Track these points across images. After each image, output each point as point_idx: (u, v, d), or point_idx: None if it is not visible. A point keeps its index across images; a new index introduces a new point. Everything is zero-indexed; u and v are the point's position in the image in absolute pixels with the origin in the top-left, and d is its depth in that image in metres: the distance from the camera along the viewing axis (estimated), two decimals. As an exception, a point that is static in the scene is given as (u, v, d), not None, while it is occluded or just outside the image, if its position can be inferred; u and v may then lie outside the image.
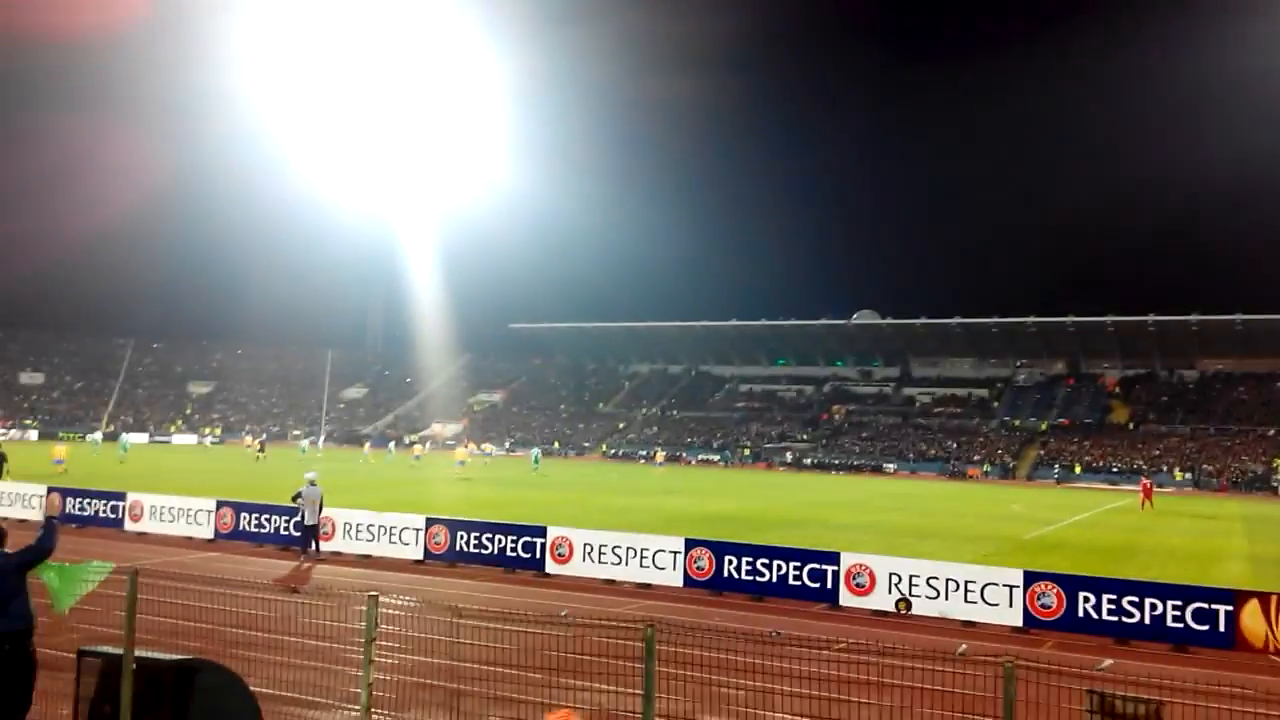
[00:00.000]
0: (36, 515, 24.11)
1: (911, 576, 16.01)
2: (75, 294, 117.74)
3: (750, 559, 17.33)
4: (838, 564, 16.62)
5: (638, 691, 6.45)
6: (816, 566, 16.78)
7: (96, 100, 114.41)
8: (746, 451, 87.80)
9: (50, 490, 24.44)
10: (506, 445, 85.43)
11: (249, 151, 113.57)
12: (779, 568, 17.02)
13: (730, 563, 17.41)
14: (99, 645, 7.44)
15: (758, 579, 17.14)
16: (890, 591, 16.07)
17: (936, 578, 15.82)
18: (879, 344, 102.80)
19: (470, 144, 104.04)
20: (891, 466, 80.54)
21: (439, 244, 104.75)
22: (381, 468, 56.80)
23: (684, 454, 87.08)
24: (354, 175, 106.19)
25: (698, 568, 17.62)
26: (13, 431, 79.29)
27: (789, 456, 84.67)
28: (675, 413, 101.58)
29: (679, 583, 17.68)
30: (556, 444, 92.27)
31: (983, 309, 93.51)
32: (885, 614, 15.85)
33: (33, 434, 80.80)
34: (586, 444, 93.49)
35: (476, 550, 19.65)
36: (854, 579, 16.37)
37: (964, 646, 7.43)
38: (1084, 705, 5.86)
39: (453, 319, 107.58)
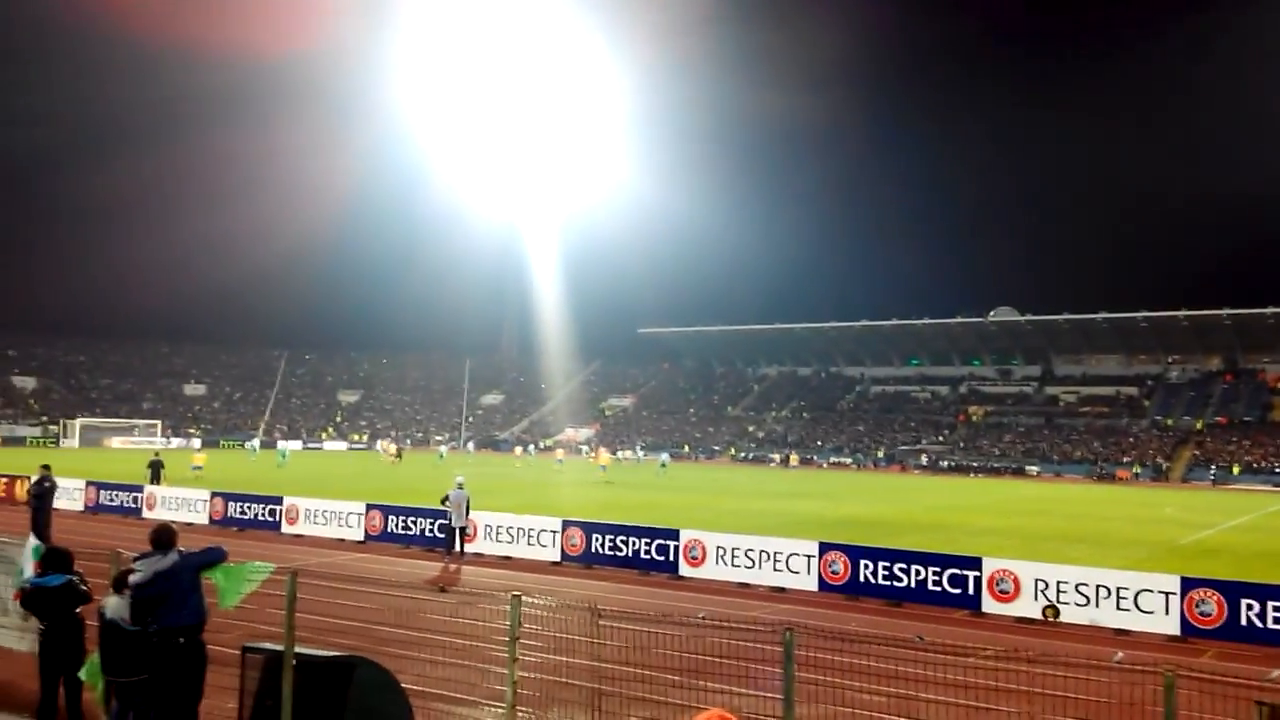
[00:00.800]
0: (198, 518, 25.67)
1: (1059, 583, 15.41)
2: (234, 309, 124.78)
3: (887, 563, 17.01)
4: (980, 569, 16.14)
5: (776, 696, 6.44)
6: (957, 572, 16.33)
7: (253, 121, 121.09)
8: (879, 454, 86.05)
9: (214, 495, 25.99)
10: (639, 449, 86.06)
11: (390, 167, 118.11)
12: (917, 573, 16.65)
13: (866, 567, 17.12)
14: (261, 642, 7.78)
15: (895, 584, 16.80)
16: (1036, 598, 15.51)
17: (1086, 584, 15.19)
18: (1018, 341, 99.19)
19: (598, 152, 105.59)
20: (1034, 469, 77.56)
21: (570, 253, 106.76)
22: (527, 471, 58.10)
23: (815, 456, 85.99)
24: (488, 185, 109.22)
25: (833, 572, 17.39)
26: (175, 440, 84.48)
27: (924, 459, 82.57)
28: (805, 415, 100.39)
29: (813, 587, 17.49)
30: (686, 447, 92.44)
31: (1130, 303, 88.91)
32: (1031, 621, 15.31)
33: (196, 442, 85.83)
34: (716, 447, 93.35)
35: (611, 553, 19.91)
36: (997, 585, 15.87)
37: (1120, 655, 7.13)
38: (1253, 717, 5.55)
39: (583, 326, 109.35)
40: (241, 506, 25.54)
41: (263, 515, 24.98)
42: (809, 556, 17.73)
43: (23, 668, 8.39)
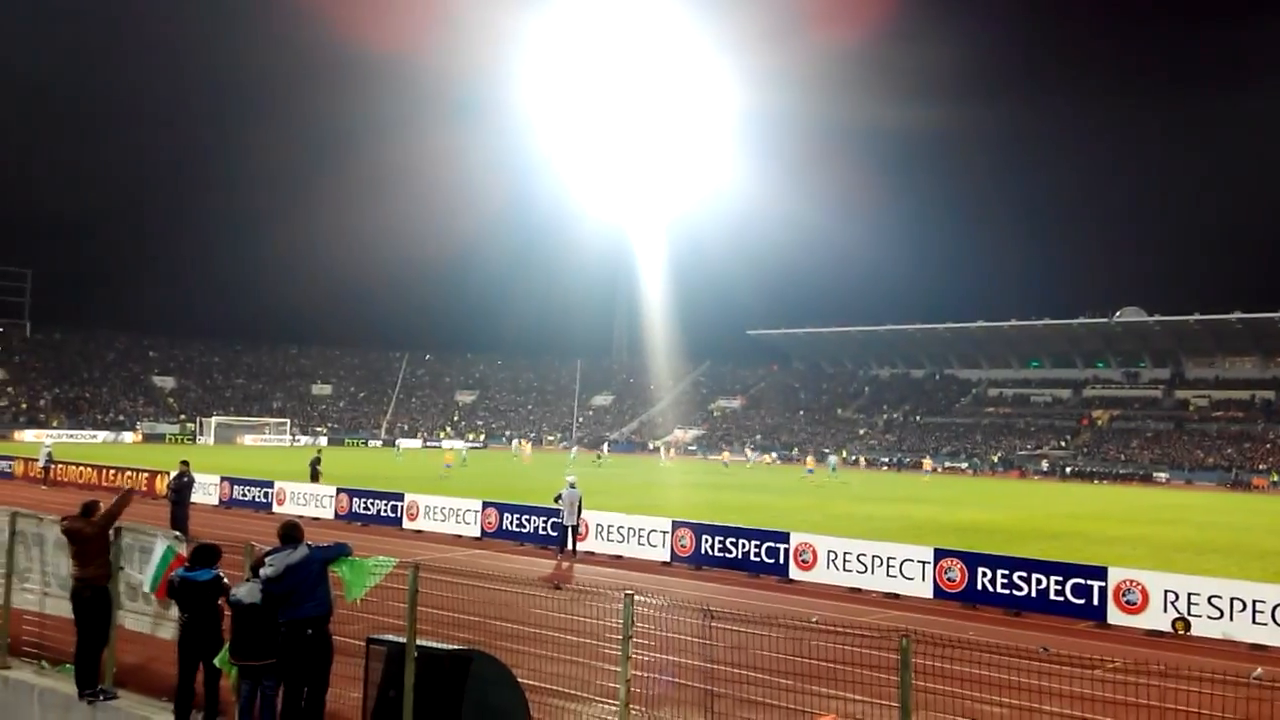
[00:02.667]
0: (324, 513, 26.69)
1: (1190, 594, 14.74)
2: (358, 313, 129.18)
3: (1006, 571, 16.54)
4: (1105, 579, 15.55)
5: (891, 703, 6.37)
6: (1081, 581, 15.77)
7: (377, 131, 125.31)
8: (996, 459, 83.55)
9: (340, 490, 26.94)
10: (749, 448, 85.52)
11: (504, 172, 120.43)
12: (1038, 581, 16.15)
13: (984, 575, 16.69)
14: (384, 634, 8.00)
15: (1015, 593, 16.33)
16: (1165, 610, 14.86)
17: (1219, 596, 14.48)
18: (1146, 343, 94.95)
19: (708, 154, 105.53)
20: (1163, 475, 74.12)
21: (679, 255, 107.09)
22: (615, 469, 58.46)
23: (929, 460, 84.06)
24: (599, 188, 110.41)
25: (949, 579, 17.01)
26: (303, 438, 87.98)
27: (1045, 464, 79.77)
28: (918, 418, 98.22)
29: (928, 594, 17.14)
30: (795, 450, 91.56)
31: (1266, 302, 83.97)
32: (1160, 634, 14.69)
33: (323, 440, 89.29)
34: (826, 450, 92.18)
35: (720, 554, 19.91)
36: (1124, 595, 15.27)
37: (1259, 671, 6.80)
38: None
39: (692, 327, 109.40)
40: (365, 502, 26.47)
41: (385, 511, 25.83)
42: (924, 563, 17.38)
43: (159, 652, 8.87)
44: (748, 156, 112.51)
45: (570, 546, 21.14)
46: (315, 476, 31.29)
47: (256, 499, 28.99)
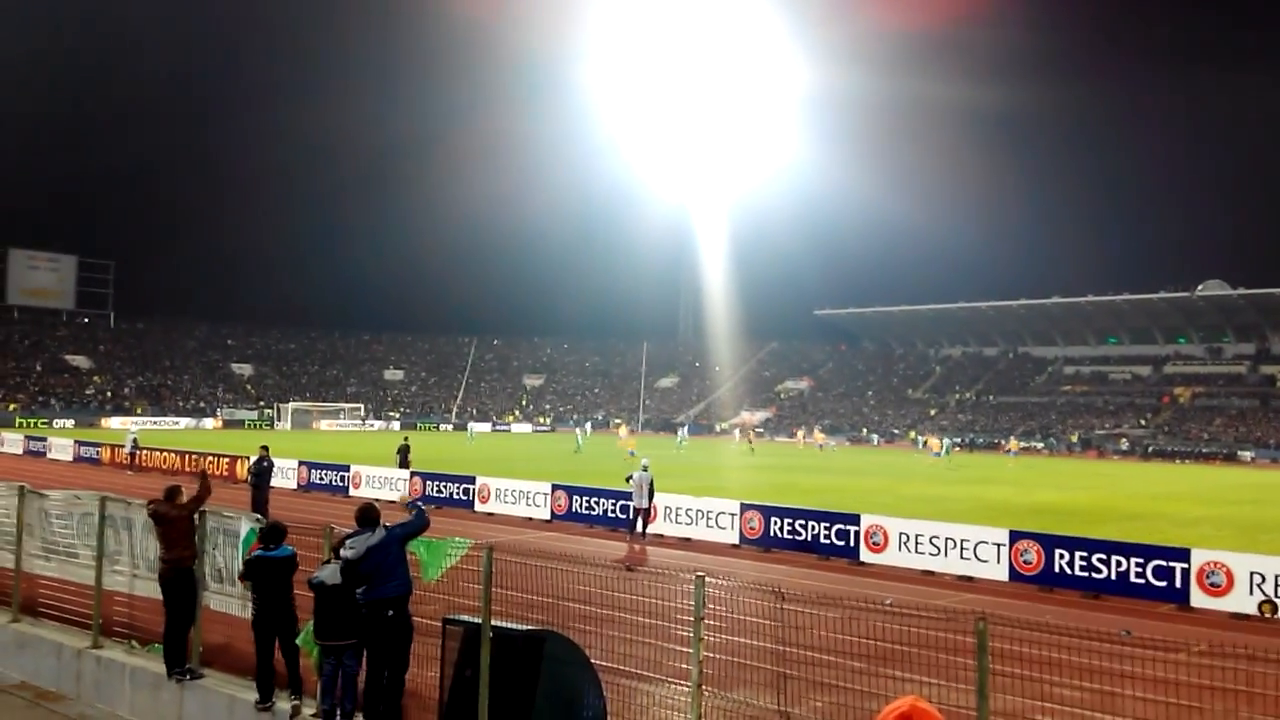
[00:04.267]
0: (394, 496, 27.20)
1: (1278, 576, 14.29)
2: (427, 299, 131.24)
3: (1085, 553, 16.21)
4: (1188, 561, 15.16)
5: (968, 687, 6.29)
6: (1162, 564, 15.39)
7: (446, 120, 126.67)
8: (1074, 439, 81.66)
9: (413, 474, 27.47)
10: (819, 431, 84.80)
11: (569, 155, 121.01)
12: (1118, 564, 15.79)
13: (1062, 557, 16.37)
14: (460, 614, 8.14)
15: (1093, 575, 15.99)
16: (1252, 593, 14.44)
17: (1310, 579, 14.03)
18: (1230, 317, 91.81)
19: (772, 133, 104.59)
20: (1248, 454, 71.70)
21: (744, 236, 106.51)
22: (692, 453, 58.47)
23: (1003, 441, 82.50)
24: (663, 170, 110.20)
25: (1024, 561, 16.73)
26: (377, 423, 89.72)
27: (1124, 444, 77.76)
28: (992, 398, 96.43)
29: (1004, 576, 16.87)
30: (865, 430, 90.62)
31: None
32: (1247, 617, 14.27)
33: (395, 424, 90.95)
34: (896, 431, 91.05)
35: (790, 536, 19.83)
36: (1207, 578, 14.86)
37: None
38: None
39: (758, 308, 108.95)
40: (439, 485, 26.93)
41: (457, 494, 26.24)
42: (999, 545, 17.11)
43: (244, 632, 9.13)
44: (814, 135, 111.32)
45: (640, 529, 21.23)
46: (405, 464, 31.64)
47: (334, 483, 29.67)
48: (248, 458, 27.55)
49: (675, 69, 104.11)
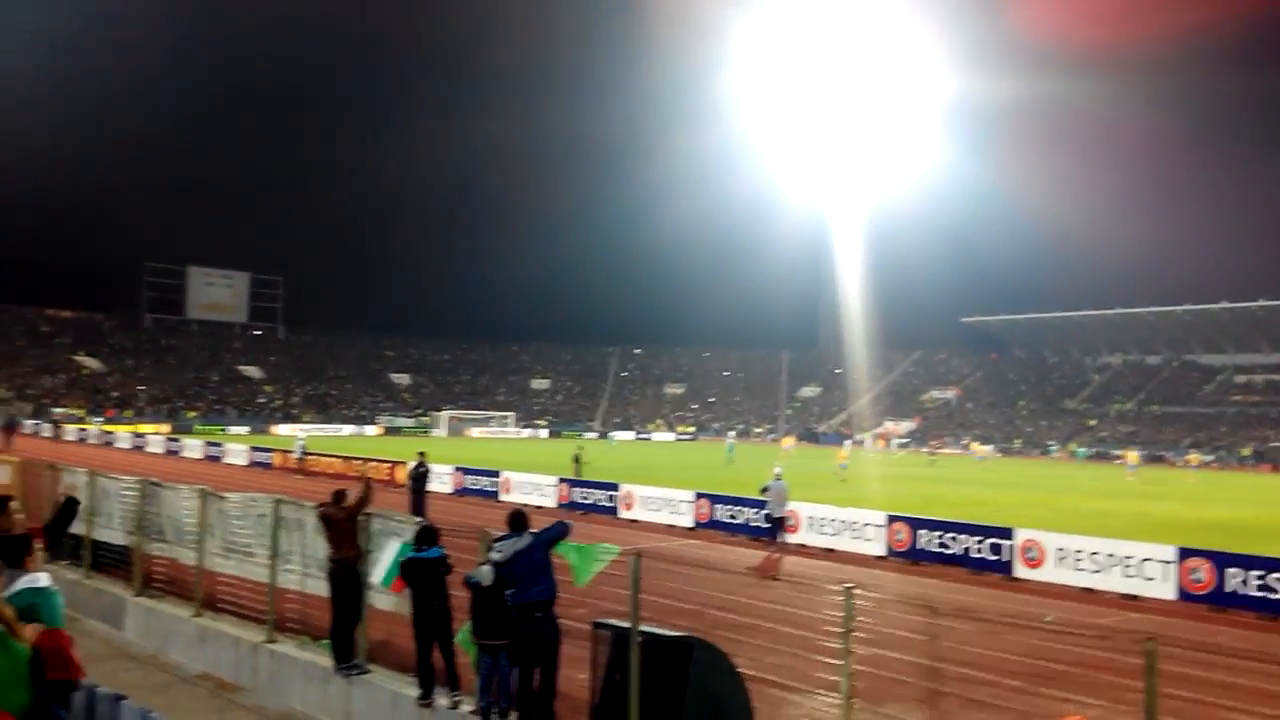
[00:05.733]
0: (547, 501, 27.86)
1: None
2: (572, 309, 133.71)
3: (1261, 573, 15.18)
4: (1381, 585, 14.03)
5: (1129, 709, 6.04)
6: (1351, 586, 14.30)
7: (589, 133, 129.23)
8: (1246, 451, 76.42)
9: (561, 481, 28.02)
10: (976, 444, 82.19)
11: (709, 163, 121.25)
12: (1299, 585, 14.75)
13: (1235, 576, 15.39)
14: (608, 619, 8.25)
15: (1270, 595, 14.97)
16: None
17: None
18: None
19: (915, 136, 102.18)
20: None
21: (887, 242, 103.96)
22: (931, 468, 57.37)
23: (1168, 454, 77.96)
24: (803, 176, 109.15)
25: (1194, 580, 15.81)
26: (527, 431, 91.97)
27: (1304, 457, 72.30)
28: (1155, 408, 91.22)
29: (1171, 595, 15.98)
30: (1017, 442, 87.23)
31: None
32: None
33: (543, 432, 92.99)
34: (1050, 443, 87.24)
35: (939, 550, 19.32)
36: (1405, 604, 13.71)
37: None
38: None
39: (902, 316, 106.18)
40: (584, 492, 27.46)
41: (602, 501, 26.68)
42: (1166, 562, 16.22)
43: (407, 630, 9.50)
44: (961, 138, 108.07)
45: (780, 538, 21.09)
46: (578, 471, 32.04)
47: (485, 488, 30.61)
48: (406, 463, 28.67)
49: (816, 75, 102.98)
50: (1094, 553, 17.11)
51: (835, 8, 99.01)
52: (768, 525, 21.54)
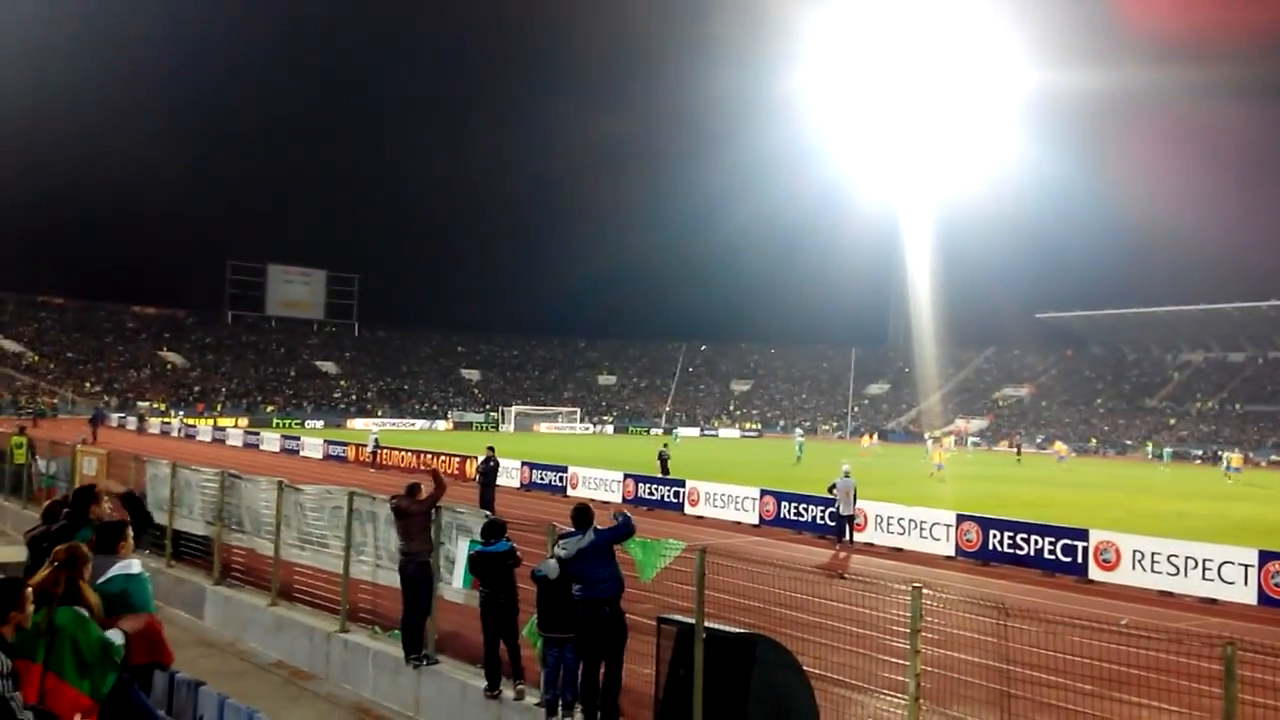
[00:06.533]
0: (612, 496, 28.01)
1: None
2: (639, 305, 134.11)
3: (1351, 579, 14.68)
4: None
5: (1206, 715, 5.89)
6: None
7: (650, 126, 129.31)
8: (1340, 452, 73.61)
9: (626, 476, 28.12)
10: (1059, 443, 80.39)
11: (776, 159, 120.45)
12: (1392, 592, 14.20)
13: (1323, 582, 14.89)
14: (672, 614, 8.28)
15: (1361, 603, 14.45)
16: None
17: None
18: None
19: (986, 127, 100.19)
20: None
21: (958, 236, 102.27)
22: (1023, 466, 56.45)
23: (1253, 454, 75.43)
24: (871, 171, 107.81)
25: (1276, 583, 15.33)
26: (593, 427, 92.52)
27: (1402, 459, 69.36)
28: (1239, 407, 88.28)
29: (1252, 599, 15.53)
30: (1093, 441, 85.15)
31: None
32: None
33: (608, 429, 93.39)
34: (1128, 442, 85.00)
35: (1010, 550, 19.01)
36: None
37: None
38: None
39: (974, 312, 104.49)
40: (650, 488, 27.57)
41: (668, 497, 26.75)
42: (1246, 566, 15.76)
43: (476, 622, 9.66)
44: (1035, 131, 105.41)
45: (847, 537, 20.93)
46: (665, 470, 31.81)
47: (552, 483, 30.90)
48: (476, 457, 29.06)
49: (889, 69, 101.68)
50: (1171, 555, 16.69)
51: (911, 3, 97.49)
52: (834, 523, 21.42)
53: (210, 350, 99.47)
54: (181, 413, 73.26)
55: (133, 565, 6.17)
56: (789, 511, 23.46)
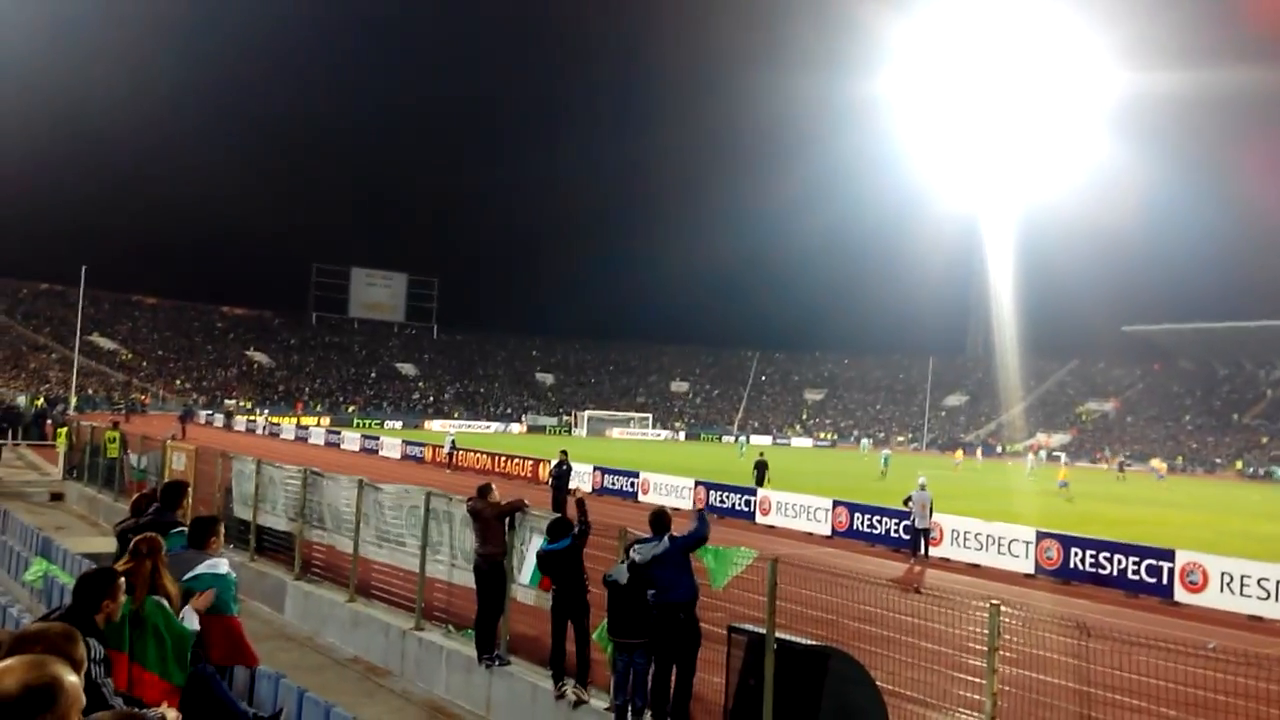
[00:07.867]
0: (684, 504, 27.97)
1: None
2: (713, 312, 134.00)
3: None
4: None
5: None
6: None
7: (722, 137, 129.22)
8: None
9: (698, 484, 28.08)
10: (1156, 461, 77.95)
11: (857, 165, 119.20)
12: None
13: None
14: (744, 623, 8.24)
15: None
16: None
17: None
18: None
19: (1072, 135, 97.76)
20: None
21: (1039, 246, 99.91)
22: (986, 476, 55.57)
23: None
24: (951, 179, 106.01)
25: (1380, 614, 14.65)
26: (665, 433, 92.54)
27: None
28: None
29: (1352, 629, 14.87)
30: (1180, 459, 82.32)
31: None
32: None
33: (680, 435, 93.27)
34: (1218, 460, 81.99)
35: (1092, 569, 18.50)
36: None
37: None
38: None
39: (1057, 324, 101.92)
40: (722, 495, 27.48)
41: (739, 505, 26.63)
42: (1345, 593, 15.09)
43: (549, 625, 9.72)
44: (1124, 138, 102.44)
45: (923, 550, 20.59)
46: (761, 480, 29.55)
47: (624, 488, 31.00)
48: (549, 461, 29.27)
49: (972, 75, 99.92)
50: (1262, 578, 16.08)
51: (995, 7, 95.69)
52: (909, 536, 21.10)
53: (295, 351, 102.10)
54: (267, 411, 75.29)
55: (220, 565, 6.36)
56: (862, 523, 23.18)
